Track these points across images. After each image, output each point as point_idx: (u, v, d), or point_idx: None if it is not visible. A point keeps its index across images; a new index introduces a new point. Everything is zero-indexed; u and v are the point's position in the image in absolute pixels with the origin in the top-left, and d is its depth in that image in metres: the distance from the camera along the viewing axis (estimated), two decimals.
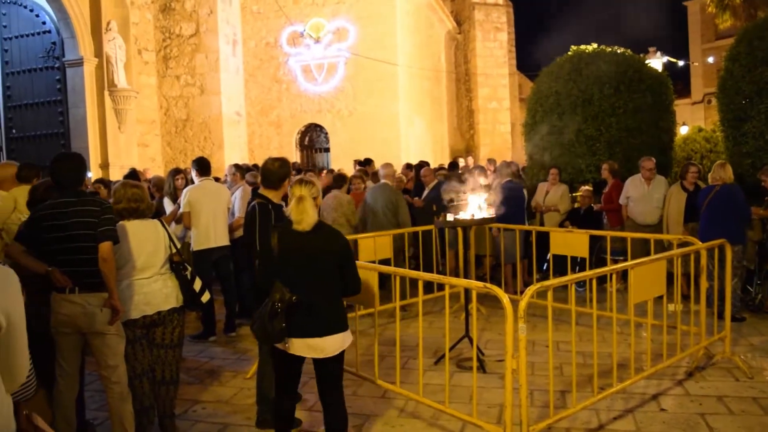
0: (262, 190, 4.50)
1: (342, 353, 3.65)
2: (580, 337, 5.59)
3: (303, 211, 3.50)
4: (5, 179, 5.01)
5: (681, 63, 28.44)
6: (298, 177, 3.93)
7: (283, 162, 4.49)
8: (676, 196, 7.64)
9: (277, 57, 17.44)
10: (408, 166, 11.26)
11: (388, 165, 8.51)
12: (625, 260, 5.69)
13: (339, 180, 8.26)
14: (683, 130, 20.32)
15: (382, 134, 16.48)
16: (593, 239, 6.92)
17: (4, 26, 13.66)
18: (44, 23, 13.40)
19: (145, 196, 4.30)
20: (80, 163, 4.07)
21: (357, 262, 4.26)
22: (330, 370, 3.65)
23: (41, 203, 4.01)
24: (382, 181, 8.19)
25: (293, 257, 3.54)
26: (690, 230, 7.18)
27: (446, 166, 11.51)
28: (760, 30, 8.96)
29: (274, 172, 4.41)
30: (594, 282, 4.37)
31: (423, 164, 10.36)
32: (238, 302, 7.37)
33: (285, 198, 4.07)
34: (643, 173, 7.95)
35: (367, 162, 10.57)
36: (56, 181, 3.97)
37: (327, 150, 17.58)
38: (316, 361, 3.59)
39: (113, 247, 3.86)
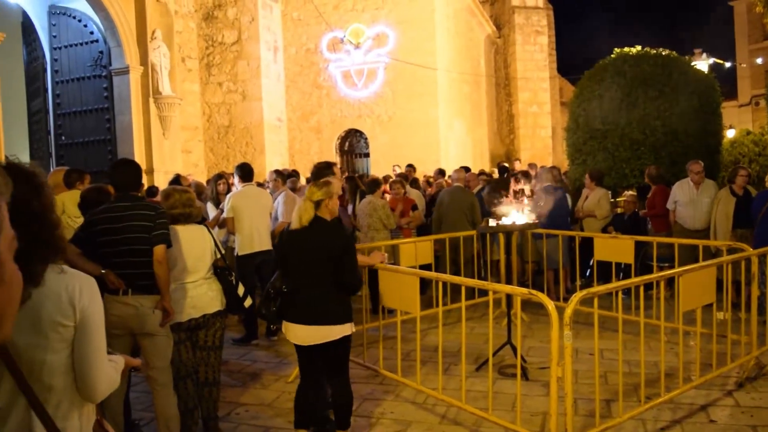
0: None
1: (344, 342, 3.92)
2: (625, 345, 5.47)
3: (302, 209, 3.86)
4: (55, 185, 5.18)
5: (728, 64, 27.75)
6: (322, 179, 4.19)
7: (329, 164, 4.82)
8: (724, 200, 7.43)
9: (318, 63, 17.58)
10: (440, 172, 11.33)
11: (459, 170, 9.09)
12: (671, 267, 5.57)
13: (373, 185, 8.31)
14: (730, 134, 19.83)
15: (421, 139, 16.47)
16: (638, 245, 6.78)
17: (54, 36, 14.03)
18: (92, 33, 13.73)
19: (195, 201, 4.42)
20: (138, 170, 4.28)
21: (398, 267, 4.35)
22: (331, 355, 3.92)
23: (95, 207, 4.14)
24: (455, 184, 8.69)
25: (291, 252, 3.90)
26: (738, 237, 6.96)
27: (487, 171, 11.45)
28: None
29: (321, 174, 4.67)
30: (641, 289, 4.29)
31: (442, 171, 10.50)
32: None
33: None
34: (692, 177, 7.77)
35: (410, 168, 10.59)
36: (115, 186, 4.12)
37: (366, 155, 17.64)
38: (314, 348, 3.88)
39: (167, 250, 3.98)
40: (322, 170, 4.65)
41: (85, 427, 1.91)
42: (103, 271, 3.85)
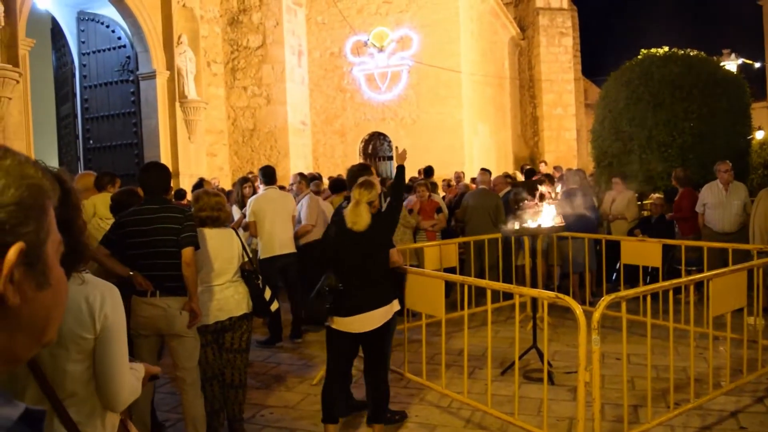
0: (348, 194, 4.63)
1: (389, 334, 4.18)
2: (652, 350, 5.40)
3: (358, 214, 3.96)
4: (85, 188, 5.27)
5: (757, 65, 27.28)
6: (362, 179, 4.27)
7: (364, 166, 4.85)
8: (765, 201, 7.17)
9: (342, 66, 17.63)
10: (456, 176, 11.34)
11: (484, 172, 9.13)
12: (699, 271, 5.49)
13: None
14: (759, 135, 19.51)
15: (445, 142, 16.42)
16: (665, 249, 6.69)
17: (83, 42, 14.25)
18: (119, 38, 13.92)
19: (225, 205, 4.46)
20: (167, 173, 4.34)
21: (423, 270, 4.48)
22: (381, 341, 4.13)
23: (126, 209, 4.20)
24: (480, 186, 8.72)
25: (348, 253, 4.02)
26: None
27: (510, 174, 11.39)
28: None
29: (356, 175, 4.62)
30: (670, 293, 4.23)
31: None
32: (304, 309, 7.45)
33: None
34: (720, 177, 7.63)
35: (429, 170, 10.53)
36: (144, 188, 4.18)
37: (390, 158, 17.64)
38: (364, 338, 4.08)
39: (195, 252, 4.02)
40: (360, 171, 4.67)
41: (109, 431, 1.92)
42: (131, 273, 3.90)
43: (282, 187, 9.09)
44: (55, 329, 0.85)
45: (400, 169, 4.58)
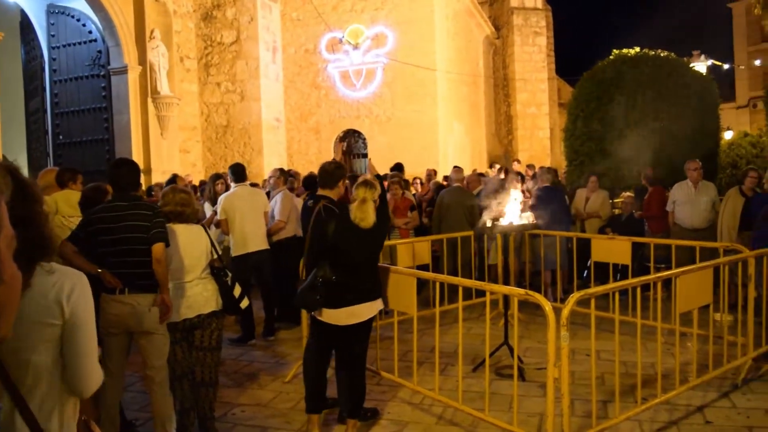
0: (321, 191, 4.62)
1: (369, 330, 4.34)
2: (622, 346, 5.47)
3: (366, 211, 4.07)
4: (48, 185, 5.18)
5: (726, 66, 27.78)
6: (363, 178, 4.36)
7: (338, 165, 4.77)
8: (733, 199, 7.34)
9: (316, 63, 17.57)
10: (428, 175, 11.40)
11: (458, 169, 9.17)
12: (668, 268, 5.57)
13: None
14: (728, 135, 19.86)
15: (420, 140, 16.46)
16: (635, 246, 6.78)
17: (53, 36, 14.02)
18: (90, 32, 13.71)
19: (191, 202, 4.42)
20: (137, 169, 4.30)
21: (396, 267, 4.54)
22: (363, 335, 4.28)
23: (95, 205, 4.15)
24: (455, 183, 8.74)
25: (353, 249, 4.11)
26: (744, 240, 6.89)
27: (483, 172, 11.45)
28: None
29: (332, 174, 4.61)
30: (638, 290, 4.29)
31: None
32: (277, 306, 7.42)
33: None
34: (690, 176, 7.76)
35: (398, 167, 10.50)
36: (114, 185, 4.12)
37: (365, 156, 17.62)
38: (348, 332, 4.17)
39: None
40: (337, 170, 4.66)
41: (66, 427, 1.90)
42: (99, 270, 3.86)
43: (255, 184, 9.03)
44: (9, 325, 0.83)
45: (378, 179, 4.65)
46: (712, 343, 4.83)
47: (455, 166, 9.40)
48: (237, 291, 4.45)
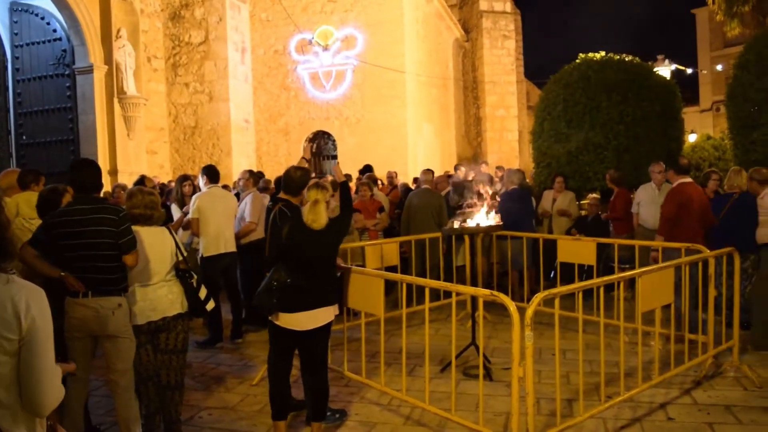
0: (282, 195, 4.61)
1: (328, 333, 4.31)
2: (587, 345, 5.55)
3: (318, 212, 4.10)
4: (9, 186, 5.08)
5: (689, 71, 28.35)
6: (314, 181, 4.40)
7: (304, 171, 4.71)
8: None
9: (286, 64, 17.50)
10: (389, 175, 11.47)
11: (427, 171, 9.13)
12: (632, 268, 5.67)
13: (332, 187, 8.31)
14: (692, 138, 20.27)
15: (390, 142, 16.50)
16: (600, 247, 6.89)
17: (16, 34, 13.74)
18: (55, 31, 13.48)
19: (159, 204, 4.38)
20: (98, 171, 4.22)
21: (363, 269, 4.55)
22: (322, 340, 4.28)
23: (54, 208, 4.07)
24: (423, 186, 8.73)
25: (306, 251, 4.12)
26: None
27: (453, 174, 11.51)
28: None
29: (296, 180, 4.59)
30: (602, 290, 4.36)
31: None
32: (245, 308, 7.38)
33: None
34: (654, 178, 7.90)
35: (367, 169, 10.52)
36: (77, 187, 4.05)
37: (335, 157, 17.61)
38: (305, 336, 4.17)
39: None
40: (305, 176, 4.65)
41: None
42: (62, 274, 3.79)
43: (225, 186, 8.97)
44: None
45: (344, 185, 4.67)
46: (674, 342, 4.93)
47: (425, 169, 9.44)
48: (203, 293, 4.41)
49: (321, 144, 17.99)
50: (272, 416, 4.31)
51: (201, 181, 7.03)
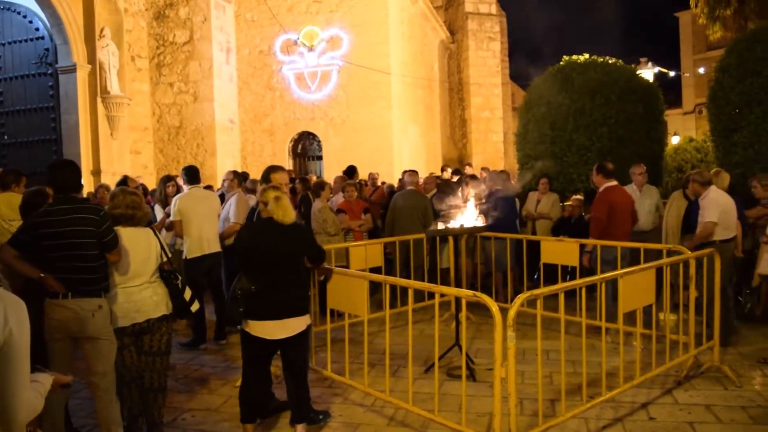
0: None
1: (305, 340, 4.24)
2: (570, 345, 5.59)
3: (284, 207, 4.10)
4: None
5: (672, 73, 28.62)
6: (263, 186, 4.50)
7: (281, 169, 4.78)
8: (677, 202, 7.55)
9: (271, 65, 17.46)
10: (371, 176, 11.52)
11: (412, 173, 9.14)
12: (614, 269, 5.71)
13: (317, 188, 8.33)
14: (675, 140, 20.45)
15: (375, 142, 16.50)
16: (583, 248, 6.93)
17: None
18: (37, 29, 13.36)
19: (142, 204, 4.35)
20: (78, 171, 4.19)
21: (347, 270, 4.51)
22: (298, 348, 4.22)
23: (37, 209, 4.05)
24: (408, 187, 8.74)
25: (262, 254, 4.09)
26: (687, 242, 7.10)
27: (437, 175, 11.54)
28: (750, 42, 9.05)
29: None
30: (583, 291, 4.38)
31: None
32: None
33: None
34: (635, 179, 7.97)
35: (352, 170, 10.50)
36: (56, 188, 4.02)
37: (320, 158, 17.60)
38: (278, 344, 4.16)
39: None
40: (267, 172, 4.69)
41: None
42: (42, 275, 3.76)
43: (208, 187, 8.93)
44: None
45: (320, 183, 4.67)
46: (656, 342, 4.98)
47: (409, 170, 9.45)
48: (187, 294, 4.39)
49: (306, 145, 17.97)
50: (240, 418, 4.31)
51: (182, 182, 7.02)
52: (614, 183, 6.96)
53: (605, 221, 6.73)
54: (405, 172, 9.53)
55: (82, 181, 4.62)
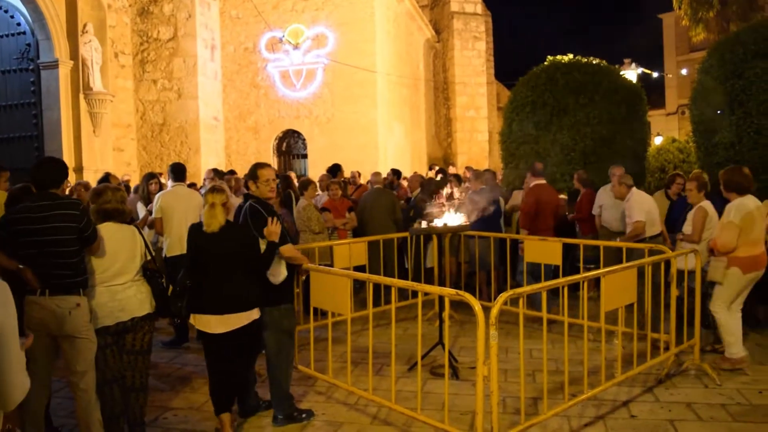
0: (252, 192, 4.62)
1: (248, 337, 4.30)
2: (552, 344, 5.62)
3: (213, 216, 4.16)
4: None
5: (656, 74, 28.85)
6: (211, 185, 4.50)
7: (268, 166, 4.71)
8: (659, 202, 7.62)
9: (256, 62, 17.40)
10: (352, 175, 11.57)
11: (377, 173, 9.47)
12: (597, 268, 5.74)
13: (301, 186, 8.35)
14: (658, 141, 20.60)
15: (360, 141, 16.50)
16: (567, 247, 6.96)
17: None
18: (19, 24, 13.23)
19: (126, 200, 4.35)
20: (62, 168, 4.12)
21: (330, 268, 4.48)
22: (242, 342, 4.28)
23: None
24: (375, 186, 8.96)
25: (203, 253, 4.22)
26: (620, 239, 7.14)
27: (424, 174, 11.57)
28: (731, 44, 9.12)
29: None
30: (566, 290, 4.40)
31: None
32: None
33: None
34: (614, 180, 8.00)
35: (336, 168, 10.48)
36: (37, 184, 3.99)
37: (305, 156, 17.56)
38: (226, 339, 4.22)
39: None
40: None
41: None
42: (20, 267, 3.73)
43: (192, 185, 8.88)
44: None
45: (271, 245, 4.35)
46: (637, 340, 5.01)
47: (374, 172, 9.67)
48: (170, 293, 4.37)
49: (291, 143, 17.93)
50: (214, 411, 4.34)
51: (168, 180, 6.97)
52: (542, 181, 7.70)
53: (533, 214, 7.41)
54: (372, 174, 9.75)
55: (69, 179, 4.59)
